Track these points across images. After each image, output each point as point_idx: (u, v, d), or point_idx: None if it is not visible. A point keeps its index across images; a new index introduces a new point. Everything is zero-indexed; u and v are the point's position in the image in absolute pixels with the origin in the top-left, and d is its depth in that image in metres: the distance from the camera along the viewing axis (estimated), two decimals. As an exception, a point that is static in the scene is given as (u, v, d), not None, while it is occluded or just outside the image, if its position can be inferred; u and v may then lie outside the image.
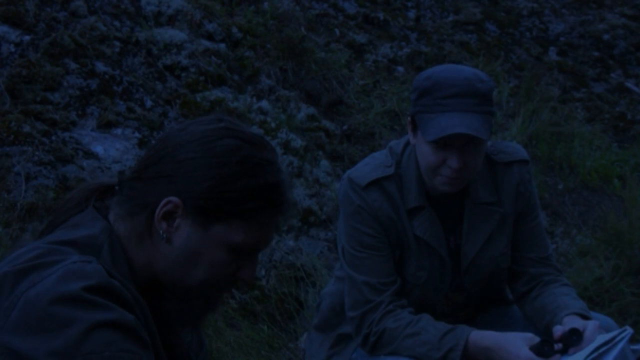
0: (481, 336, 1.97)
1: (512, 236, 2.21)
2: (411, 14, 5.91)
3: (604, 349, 1.83)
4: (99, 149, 3.56)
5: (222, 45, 4.58)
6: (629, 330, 1.85)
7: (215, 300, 1.41)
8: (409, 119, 2.07)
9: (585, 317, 2.00)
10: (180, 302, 1.38)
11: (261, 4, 5.06)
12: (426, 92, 1.99)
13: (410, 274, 2.14)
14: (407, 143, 2.15)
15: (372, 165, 2.15)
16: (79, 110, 3.71)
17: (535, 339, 1.91)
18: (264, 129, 4.06)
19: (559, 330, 1.92)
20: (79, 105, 3.72)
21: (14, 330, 1.18)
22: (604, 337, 1.87)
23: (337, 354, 2.27)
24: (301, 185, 3.92)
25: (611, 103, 5.54)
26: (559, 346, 1.88)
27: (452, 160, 1.97)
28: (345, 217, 2.14)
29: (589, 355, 1.82)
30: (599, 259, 3.81)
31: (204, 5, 4.71)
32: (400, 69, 5.21)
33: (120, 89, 3.91)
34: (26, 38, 3.89)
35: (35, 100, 3.63)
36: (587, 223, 4.30)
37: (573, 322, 1.96)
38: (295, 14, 5.09)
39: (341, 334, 2.27)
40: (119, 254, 1.34)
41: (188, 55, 4.33)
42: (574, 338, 1.88)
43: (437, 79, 1.99)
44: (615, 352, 1.81)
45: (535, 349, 1.87)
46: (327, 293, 2.35)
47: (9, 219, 3.03)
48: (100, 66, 3.93)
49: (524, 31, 6.16)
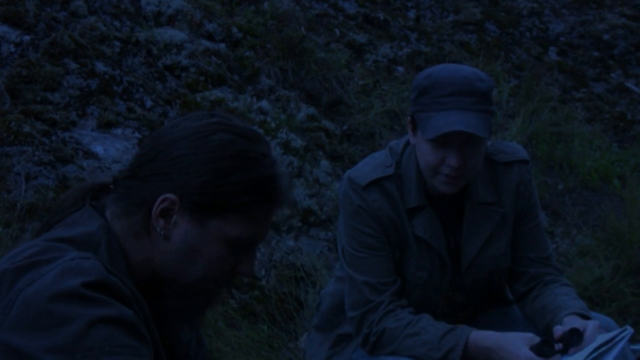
0: (481, 336, 1.97)
1: (512, 236, 2.21)
2: (411, 14, 5.91)
3: (604, 348, 1.83)
4: (99, 149, 3.56)
5: (222, 45, 4.58)
6: (629, 330, 1.85)
7: (215, 296, 1.41)
8: (409, 118, 2.07)
9: (585, 317, 2.00)
10: (180, 299, 1.38)
11: (261, 4, 5.06)
12: (425, 91, 1.99)
13: (410, 274, 2.14)
14: (407, 143, 2.15)
15: (372, 165, 2.15)
16: (79, 110, 3.71)
17: (536, 339, 1.91)
18: (264, 129, 4.06)
19: (559, 330, 1.92)
20: (79, 105, 3.72)
21: (13, 327, 1.18)
22: (604, 337, 1.87)
23: (337, 354, 2.27)
24: (301, 185, 3.91)
25: (611, 103, 5.54)
26: (559, 346, 1.88)
27: (452, 159, 1.97)
28: (345, 217, 2.14)
29: (589, 355, 1.82)
30: (599, 259, 3.80)
31: (204, 5, 4.70)
32: (400, 69, 5.21)
33: (120, 89, 3.91)
34: (26, 38, 3.89)
35: (35, 100, 3.62)
36: (587, 223, 4.30)
37: (573, 322, 1.96)
38: (295, 14, 5.09)
39: (341, 334, 2.27)
40: (117, 251, 1.34)
41: (188, 55, 4.33)
42: (574, 338, 1.88)
43: (437, 78, 1.99)
44: (615, 352, 1.81)
45: (535, 349, 1.87)
46: (327, 293, 2.35)
47: (9, 219, 3.03)
48: (100, 66, 3.93)
49: (524, 31, 6.16)
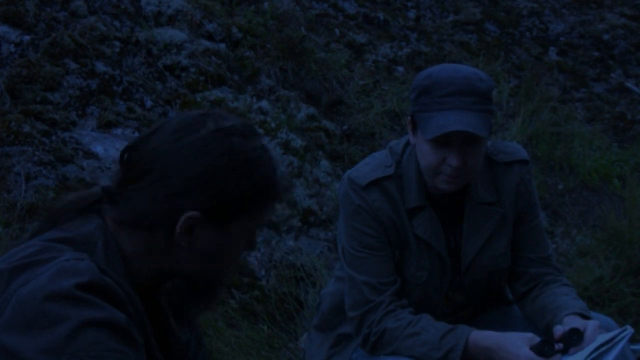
0: (481, 336, 1.97)
1: (512, 236, 2.21)
2: (411, 14, 5.91)
3: (604, 348, 1.83)
4: (99, 149, 3.56)
5: (222, 45, 4.58)
6: (629, 330, 1.85)
7: (224, 283, 1.54)
8: (409, 118, 2.07)
9: (585, 317, 2.00)
10: (194, 293, 1.46)
11: (261, 4, 5.05)
12: (425, 91, 1.99)
13: (410, 273, 2.14)
14: (407, 143, 2.15)
15: (372, 165, 2.15)
16: (79, 110, 3.71)
17: (536, 339, 1.91)
18: (264, 129, 4.06)
19: (559, 330, 1.92)
20: (79, 105, 3.72)
21: (7, 327, 1.19)
22: (604, 337, 1.87)
23: (337, 354, 2.27)
24: (301, 185, 3.91)
25: (611, 103, 5.53)
26: (559, 346, 1.88)
27: (452, 159, 1.97)
28: (345, 217, 2.14)
29: (590, 355, 1.82)
30: (599, 259, 3.80)
31: (204, 5, 4.70)
32: (400, 69, 5.21)
33: (120, 89, 3.91)
34: (26, 38, 3.89)
35: (35, 100, 3.62)
36: (587, 223, 4.30)
37: (573, 322, 1.95)
38: (295, 14, 5.09)
39: (341, 334, 2.27)
40: (114, 251, 1.34)
41: (188, 55, 4.33)
42: (575, 338, 1.88)
43: (437, 77, 1.99)
44: (615, 352, 1.81)
45: (535, 349, 1.87)
46: (327, 293, 2.35)
47: (9, 219, 3.03)
48: (100, 66, 3.93)
49: (524, 31, 6.15)
